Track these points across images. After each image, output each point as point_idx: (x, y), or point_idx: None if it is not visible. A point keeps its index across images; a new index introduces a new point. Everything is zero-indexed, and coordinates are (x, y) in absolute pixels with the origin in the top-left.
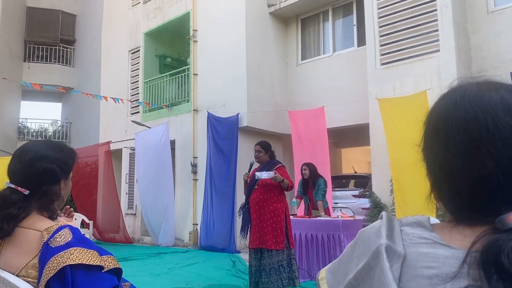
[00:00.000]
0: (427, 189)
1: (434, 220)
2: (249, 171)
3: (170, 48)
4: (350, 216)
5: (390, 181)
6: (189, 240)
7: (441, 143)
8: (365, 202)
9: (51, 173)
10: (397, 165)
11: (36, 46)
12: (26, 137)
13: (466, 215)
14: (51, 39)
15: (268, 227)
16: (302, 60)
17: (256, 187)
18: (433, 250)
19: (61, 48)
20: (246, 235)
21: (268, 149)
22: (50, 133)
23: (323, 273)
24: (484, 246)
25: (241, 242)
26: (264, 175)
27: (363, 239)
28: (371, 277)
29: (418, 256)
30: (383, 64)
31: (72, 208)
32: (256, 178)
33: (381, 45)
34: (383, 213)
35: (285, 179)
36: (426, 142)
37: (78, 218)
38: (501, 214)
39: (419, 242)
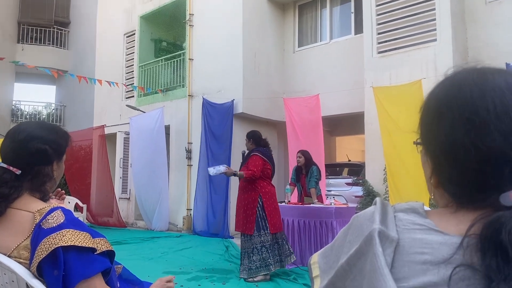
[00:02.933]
0: (421, 177)
1: (426, 208)
2: (243, 160)
3: (166, 32)
4: (343, 204)
5: (384, 170)
6: (183, 225)
7: (445, 124)
8: (358, 190)
9: (43, 154)
10: (391, 154)
11: (30, 27)
12: (19, 119)
13: (468, 196)
14: (45, 21)
15: (241, 214)
16: (299, 47)
17: None
18: (427, 236)
19: (55, 30)
20: None
21: (251, 137)
22: (44, 116)
23: (315, 258)
24: (486, 222)
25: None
26: (212, 171)
27: (356, 224)
28: (363, 261)
29: (412, 242)
30: (379, 52)
31: (63, 191)
32: (209, 174)
33: (378, 34)
34: (377, 199)
35: (238, 172)
36: (427, 125)
37: (71, 202)
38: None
39: (412, 228)
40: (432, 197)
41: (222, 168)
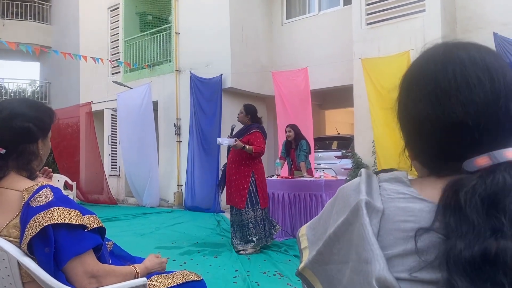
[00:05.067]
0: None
1: (410, 177)
2: (231, 134)
3: (151, 5)
4: (332, 176)
5: (372, 142)
6: (174, 200)
7: (413, 97)
8: (347, 163)
9: (27, 131)
10: (379, 126)
11: (10, 2)
12: (3, 97)
13: (439, 165)
14: None
15: (233, 187)
16: (287, 19)
17: (231, 149)
18: (410, 205)
19: (36, 4)
20: (221, 191)
21: (250, 112)
22: (28, 94)
23: (303, 230)
24: (447, 185)
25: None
26: (224, 141)
27: (343, 195)
28: (351, 232)
29: (396, 211)
30: (368, 24)
31: (50, 169)
32: (217, 143)
33: (367, 4)
34: (362, 170)
35: (247, 146)
36: (400, 103)
37: (61, 180)
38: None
39: (397, 197)
40: (411, 170)
41: (231, 141)
